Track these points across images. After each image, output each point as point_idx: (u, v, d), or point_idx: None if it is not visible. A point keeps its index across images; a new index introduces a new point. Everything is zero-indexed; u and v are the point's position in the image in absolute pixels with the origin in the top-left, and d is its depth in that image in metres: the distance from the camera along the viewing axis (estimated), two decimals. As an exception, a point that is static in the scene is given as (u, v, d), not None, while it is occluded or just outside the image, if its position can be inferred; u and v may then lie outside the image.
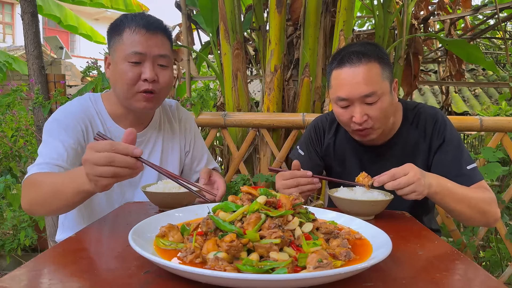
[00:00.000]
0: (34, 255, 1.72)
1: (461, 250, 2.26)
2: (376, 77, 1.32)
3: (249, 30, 3.61)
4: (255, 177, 2.43)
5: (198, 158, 1.67)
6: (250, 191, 0.88)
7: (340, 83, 1.34)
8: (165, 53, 1.37)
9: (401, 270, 0.79)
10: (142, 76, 1.33)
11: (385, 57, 1.36)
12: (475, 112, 5.85)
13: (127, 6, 5.83)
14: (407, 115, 1.48)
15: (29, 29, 2.85)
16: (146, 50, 1.32)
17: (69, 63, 9.13)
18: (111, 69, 1.39)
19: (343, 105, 1.35)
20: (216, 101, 3.75)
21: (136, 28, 1.33)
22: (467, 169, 1.36)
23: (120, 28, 1.35)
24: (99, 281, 0.70)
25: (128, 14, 1.39)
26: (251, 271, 0.67)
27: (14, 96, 3.16)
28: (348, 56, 1.33)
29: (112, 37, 1.38)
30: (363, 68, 1.31)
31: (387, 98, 1.34)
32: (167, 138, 1.57)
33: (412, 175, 1.14)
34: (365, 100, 1.32)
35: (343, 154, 1.57)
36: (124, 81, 1.33)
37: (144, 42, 1.32)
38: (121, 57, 1.33)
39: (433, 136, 1.43)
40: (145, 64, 1.33)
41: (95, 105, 1.44)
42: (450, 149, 1.40)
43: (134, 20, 1.34)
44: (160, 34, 1.36)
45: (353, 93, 1.31)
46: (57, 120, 1.36)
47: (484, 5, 4.36)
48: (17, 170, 3.39)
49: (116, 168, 0.90)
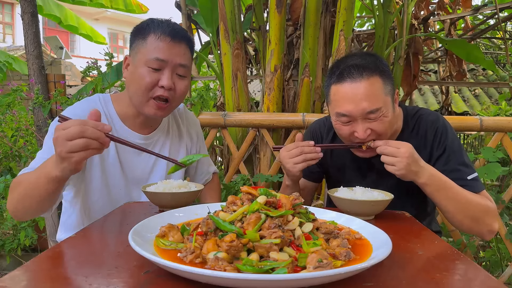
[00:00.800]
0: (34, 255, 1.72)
1: (461, 250, 2.26)
2: (379, 92, 1.26)
3: (249, 30, 3.61)
4: (255, 177, 2.43)
5: (201, 161, 1.72)
6: (250, 191, 0.88)
7: (340, 99, 1.28)
8: (186, 63, 1.38)
9: (401, 270, 0.79)
10: (160, 82, 1.34)
11: (386, 69, 1.31)
12: (475, 112, 5.85)
13: (127, 6, 5.83)
14: (407, 121, 1.45)
15: (29, 29, 2.85)
16: (168, 58, 1.33)
17: (69, 63, 9.13)
18: (130, 70, 1.39)
19: (344, 121, 1.31)
20: (216, 101, 3.76)
21: (162, 35, 1.33)
22: (468, 179, 1.32)
23: (145, 31, 1.36)
24: (99, 281, 0.70)
25: (154, 19, 1.39)
26: (251, 271, 0.67)
27: (14, 96, 3.16)
28: (348, 70, 1.27)
29: (136, 39, 1.38)
30: (365, 83, 1.25)
31: (390, 112, 1.30)
32: (174, 141, 1.59)
33: (401, 151, 1.19)
34: (368, 117, 1.27)
35: (341, 162, 1.54)
36: (141, 85, 1.34)
37: (167, 50, 1.33)
38: (142, 60, 1.33)
39: (434, 144, 1.39)
40: (164, 72, 1.34)
41: (105, 107, 1.44)
42: (451, 159, 1.36)
43: (161, 27, 1.35)
44: (183, 43, 1.38)
45: (356, 110, 1.25)
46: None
47: (484, 5, 4.36)
48: (17, 170, 3.39)
49: (87, 139, 0.94)
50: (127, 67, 1.42)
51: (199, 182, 1.72)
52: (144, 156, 1.47)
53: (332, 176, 1.61)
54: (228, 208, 0.86)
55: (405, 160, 1.18)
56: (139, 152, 1.46)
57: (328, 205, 1.80)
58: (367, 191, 1.23)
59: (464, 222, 1.27)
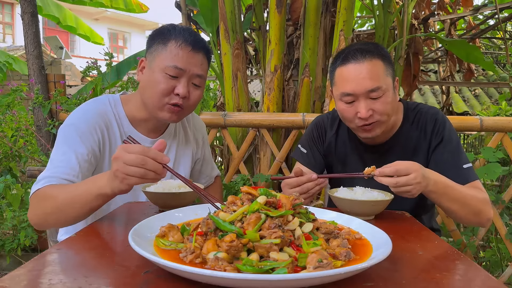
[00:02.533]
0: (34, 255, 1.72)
1: (461, 250, 2.26)
2: (380, 73, 1.35)
3: (249, 30, 3.61)
4: (255, 177, 2.43)
5: (206, 164, 1.73)
6: (250, 191, 0.88)
7: (345, 79, 1.36)
8: (202, 73, 1.39)
9: (401, 270, 0.79)
10: (176, 90, 1.34)
11: (387, 55, 1.39)
12: (475, 112, 5.85)
13: (127, 5, 5.83)
14: (407, 115, 1.50)
15: (29, 29, 2.85)
16: (186, 67, 1.33)
17: (69, 63, 9.13)
18: (145, 73, 1.39)
19: (348, 100, 1.37)
20: (216, 101, 3.76)
21: (183, 43, 1.33)
22: (463, 168, 1.38)
23: (166, 37, 1.35)
24: (99, 281, 0.70)
25: (176, 26, 1.39)
26: (251, 271, 0.67)
27: (14, 96, 3.16)
28: (352, 53, 1.36)
29: (155, 43, 1.37)
30: (368, 64, 1.33)
31: (391, 94, 1.37)
32: (181, 145, 1.59)
33: (412, 178, 1.13)
34: (370, 95, 1.34)
35: (344, 153, 1.58)
36: (157, 91, 1.33)
37: (187, 59, 1.34)
38: (160, 66, 1.33)
39: (432, 135, 1.45)
40: (181, 80, 1.34)
41: (114, 109, 1.43)
42: (447, 149, 1.42)
43: (182, 35, 1.35)
44: (202, 54, 1.38)
45: (359, 88, 1.33)
46: (74, 125, 1.33)
47: (484, 5, 4.36)
48: (17, 170, 3.39)
49: (146, 170, 0.96)
50: (142, 70, 1.41)
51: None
52: None
53: (335, 166, 1.62)
54: (228, 208, 0.86)
55: (419, 185, 1.15)
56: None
57: (328, 205, 1.80)
58: (367, 191, 1.24)
59: (467, 217, 1.31)
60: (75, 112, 1.38)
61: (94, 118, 1.36)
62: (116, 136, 1.40)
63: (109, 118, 1.40)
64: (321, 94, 2.84)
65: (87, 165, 1.29)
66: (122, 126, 1.42)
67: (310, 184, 1.27)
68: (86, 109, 1.39)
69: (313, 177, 1.27)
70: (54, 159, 1.28)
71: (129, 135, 1.13)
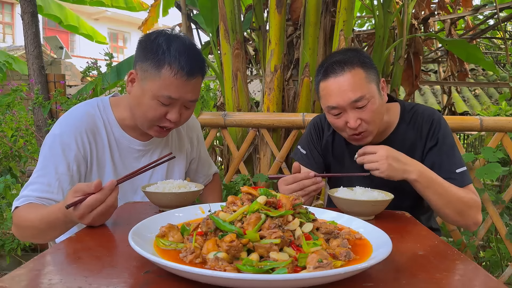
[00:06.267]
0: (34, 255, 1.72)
1: (461, 250, 2.26)
2: (361, 82, 1.35)
3: (249, 30, 3.61)
4: (255, 177, 2.43)
5: (202, 163, 1.72)
6: (250, 191, 0.88)
7: (328, 94, 1.38)
8: (196, 98, 1.35)
9: (401, 270, 0.79)
10: (168, 116, 1.31)
11: (367, 61, 1.39)
12: (475, 112, 5.85)
13: (127, 3, 5.83)
14: (404, 115, 1.50)
15: (29, 29, 2.85)
16: (180, 96, 1.28)
17: (69, 63, 9.12)
18: (136, 89, 1.32)
19: (335, 113, 1.38)
20: (216, 101, 3.76)
21: (179, 72, 1.24)
22: (456, 172, 1.39)
23: (160, 60, 1.25)
24: (99, 281, 0.70)
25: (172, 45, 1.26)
26: (251, 271, 0.67)
27: (14, 96, 3.16)
28: (331, 67, 1.37)
29: (147, 61, 1.27)
30: (347, 75, 1.34)
31: (377, 99, 1.37)
32: (174, 145, 1.57)
33: (378, 155, 1.25)
34: (356, 105, 1.34)
35: (341, 153, 1.58)
36: (148, 116, 1.31)
37: (182, 89, 1.27)
38: (153, 91, 1.26)
39: (428, 136, 1.45)
40: (174, 106, 1.30)
41: (103, 113, 1.40)
42: (442, 151, 1.42)
43: (178, 61, 1.24)
44: (198, 78, 1.31)
45: (342, 100, 1.34)
46: (58, 136, 1.32)
47: (484, 5, 4.36)
48: (17, 170, 3.40)
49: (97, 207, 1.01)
50: (132, 82, 1.34)
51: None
52: (142, 163, 1.45)
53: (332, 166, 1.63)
54: (228, 208, 0.86)
55: (385, 161, 1.24)
56: (137, 158, 1.46)
57: (328, 205, 1.80)
58: (367, 191, 1.24)
59: (450, 215, 1.35)
60: (62, 119, 1.37)
61: (81, 124, 1.35)
62: (103, 141, 1.39)
63: (96, 123, 1.38)
64: (321, 94, 2.83)
65: (68, 179, 1.31)
66: (112, 131, 1.41)
67: (307, 181, 1.25)
68: (72, 115, 1.37)
69: (310, 174, 1.26)
70: (35, 173, 1.31)
71: (67, 204, 1.03)
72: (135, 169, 1.18)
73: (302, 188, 1.25)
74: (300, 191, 1.25)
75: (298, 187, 1.25)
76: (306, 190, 1.25)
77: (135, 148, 1.45)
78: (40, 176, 1.28)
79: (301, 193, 1.24)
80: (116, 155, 1.42)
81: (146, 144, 1.47)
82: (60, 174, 1.29)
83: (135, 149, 1.45)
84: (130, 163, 1.44)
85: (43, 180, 1.27)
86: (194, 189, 1.26)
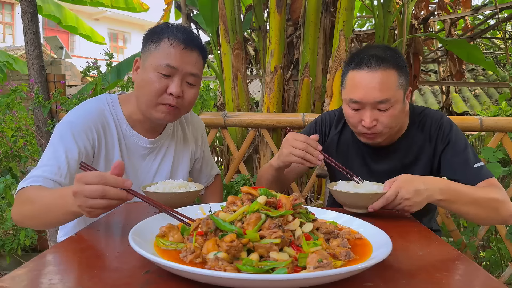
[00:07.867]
0: (34, 255, 1.72)
1: (461, 250, 2.26)
2: (392, 85, 1.31)
3: (249, 30, 3.62)
4: (255, 177, 2.43)
5: (205, 163, 1.73)
6: (250, 191, 0.88)
7: (355, 86, 1.33)
8: (196, 72, 1.37)
9: (401, 270, 0.79)
10: (169, 89, 1.32)
11: (404, 65, 1.35)
12: (475, 112, 5.84)
13: (127, 4, 5.83)
14: (414, 118, 1.49)
15: (29, 29, 2.85)
16: (179, 65, 1.31)
17: (69, 63, 9.12)
18: (139, 73, 1.37)
19: (355, 107, 1.35)
20: (216, 101, 3.76)
21: (175, 41, 1.31)
22: (474, 167, 1.35)
23: (159, 36, 1.34)
24: (99, 281, 0.70)
25: (170, 25, 1.37)
26: (251, 271, 0.67)
27: (14, 96, 3.16)
28: (367, 59, 1.31)
29: (148, 43, 1.36)
30: (381, 74, 1.29)
31: (399, 106, 1.34)
32: (179, 145, 1.58)
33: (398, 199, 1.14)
34: (377, 106, 1.31)
35: (346, 152, 1.57)
36: (150, 90, 1.32)
37: (179, 58, 1.31)
38: (152, 65, 1.32)
39: (438, 139, 1.43)
40: (174, 79, 1.32)
41: (112, 108, 1.42)
42: (455, 150, 1.40)
43: (175, 33, 1.33)
44: (196, 52, 1.36)
45: (367, 97, 1.30)
46: (70, 123, 1.33)
47: (484, 5, 4.36)
48: (17, 170, 3.39)
49: (109, 200, 0.90)
50: (137, 70, 1.39)
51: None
52: (148, 161, 1.48)
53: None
54: (228, 208, 0.86)
55: (409, 201, 1.15)
56: (143, 156, 1.47)
57: (327, 205, 1.80)
58: (366, 184, 1.24)
59: (487, 219, 1.31)
60: (75, 110, 1.39)
61: (93, 117, 1.36)
62: (113, 136, 1.40)
63: (106, 118, 1.40)
64: (321, 94, 2.84)
65: (77, 165, 1.29)
66: (120, 126, 1.42)
67: (311, 148, 1.28)
68: (85, 108, 1.39)
69: (319, 147, 1.29)
70: (45, 156, 1.28)
71: (82, 161, 1.06)
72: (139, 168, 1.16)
73: (305, 149, 1.28)
74: (300, 151, 1.28)
75: (302, 146, 1.29)
76: (306, 155, 1.29)
77: (142, 146, 1.46)
78: (50, 159, 1.26)
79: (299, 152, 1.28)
80: (124, 151, 1.43)
81: (153, 142, 1.48)
82: (70, 159, 1.27)
83: (142, 147, 1.46)
84: (135, 161, 1.45)
85: (53, 163, 1.25)
86: (194, 189, 1.25)
